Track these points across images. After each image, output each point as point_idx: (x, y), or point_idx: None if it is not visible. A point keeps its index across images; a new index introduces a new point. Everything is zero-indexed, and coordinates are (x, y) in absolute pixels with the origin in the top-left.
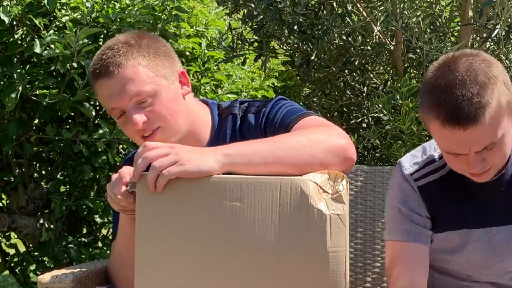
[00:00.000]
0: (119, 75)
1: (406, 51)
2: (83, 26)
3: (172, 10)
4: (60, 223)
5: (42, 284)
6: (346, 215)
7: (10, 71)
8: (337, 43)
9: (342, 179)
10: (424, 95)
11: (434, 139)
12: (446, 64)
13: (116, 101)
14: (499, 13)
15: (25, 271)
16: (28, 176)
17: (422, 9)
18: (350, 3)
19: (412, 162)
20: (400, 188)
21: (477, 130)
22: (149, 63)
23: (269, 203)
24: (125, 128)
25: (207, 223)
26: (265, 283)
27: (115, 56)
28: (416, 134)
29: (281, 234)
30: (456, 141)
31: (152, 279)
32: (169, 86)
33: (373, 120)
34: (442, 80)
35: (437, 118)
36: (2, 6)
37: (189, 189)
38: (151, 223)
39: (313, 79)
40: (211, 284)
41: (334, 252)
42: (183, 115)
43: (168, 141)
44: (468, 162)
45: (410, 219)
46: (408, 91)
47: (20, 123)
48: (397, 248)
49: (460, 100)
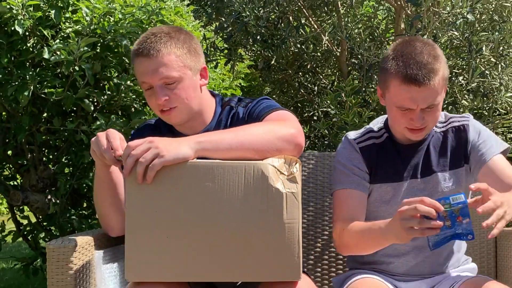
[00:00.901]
0: (157, 58)
1: (349, 57)
2: (83, 36)
3: (157, 23)
4: (64, 199)
5: (50, 248)
6: (299, 192)
7: (23, 73)
8: (293, 50)
9: (296, 163)
10: (387, 61)
11: (391, 97)
12: (405, 41)
13: (149, 78)
14: (425, 25)
15: (35, 238)
16: (38, 160)
17: (362, 22)
18: (303, 17)
19: (355, 133)
20: (345, 149)
21: (427, 90)
22: (181, 55)
23: (235, 183)
24: (150, 100)
25: (184, 200)
26: (232, 248)
27: (156, 42)
28: (358, 125)
29: (245, 208)
30: (409, 96)
31: (139, 245)
32: (192, 77)
33: (323, 113)
34: (404, 50)
35: (399, 76)
36: (17, 19)
37: (169, 173)
38: (139, 201)
39: (273, 79)
40: (188, 249)
41: (289, 224)
42: (196, 101)
43: (179, 117)
44: (412, 117)
45: (353, 172)
46: (351, 90)
47: (32, 116)
48: (342, 195)
49: (419, 64)
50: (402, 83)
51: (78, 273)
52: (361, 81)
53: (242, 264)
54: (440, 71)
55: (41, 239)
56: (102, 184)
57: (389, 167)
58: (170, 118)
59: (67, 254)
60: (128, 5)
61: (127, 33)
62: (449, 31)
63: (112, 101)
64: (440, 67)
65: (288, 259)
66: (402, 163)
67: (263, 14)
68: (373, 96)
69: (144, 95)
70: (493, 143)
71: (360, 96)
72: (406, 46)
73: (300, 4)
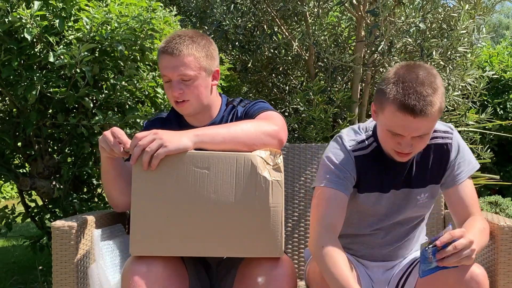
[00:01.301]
0: (178, 57)
1: (316, 60)
2: (84, 42)
3: (148, 31)
4: (67, 184)
5: (55, 228)
6: (283, 180)
7: (31, 75)
8: (267, 55)
9: (280, 155)
10: (388, 84)
11: (384, 119)
12: (409, 66)
13: (169, 73)
14: (383, 33)
15: (42, 219)
16: (44, 151)
17: (328, 30)
18: (276, 26)
19: (349, 139)
20: (341, 154)
21: (421, 121)
22: (199, 57)
23: (228, 171)
24: (167, 90)
25: (183, 185)
26: (224, 228)
27: (180, 44)
28: (324, 120)
29: (236, 193)
30: (403, 124)
31: (143, 224)
32: (206, 77)
33: (293, 110)
34: (406, 76)
35: (396, 103)
36: (26, 28)
37: (171, 161)
38: (144, 186)
39: (250, 80)
40: (185, 227)
41: (274, 207)
42: (205, 99)
43: (190, 109)
44: (401, 143)
45: (344, 175)
46: (318, 89)
47: (39, 112)
48: (326, 193)
49: (418, 95)
50: (397, 110)
51: (79, 249)
52: (327, 82)
53: (233, 241)
54: (437, 104)
55: (47, 220)
56: (108, 174)
57: (376, 178)
58: (182, 109)
59: (70, 232)
60: (123, 15)
61: (122, 40)
62: (403, 38)
63: (109, 99)
64: (438, 99)
65: (272, 238)
66: (386, 174)
67: (241, 23)
68: (337, 95)
69: (164, 86)
70: (467, 165)
71: (325, 95)
72: (409, 73)
73: (273, 14)
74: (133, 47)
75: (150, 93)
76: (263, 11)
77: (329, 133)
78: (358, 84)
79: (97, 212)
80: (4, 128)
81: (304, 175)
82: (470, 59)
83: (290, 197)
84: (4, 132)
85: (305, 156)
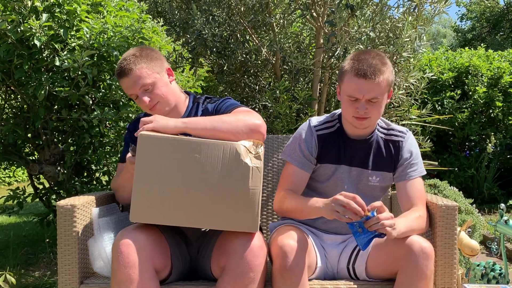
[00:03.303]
0: (131, 75)
1: (282, 64)
2: (85, 49)
3: (139, 39)
4: (70, 170)
5: (59, 206)
6: (262, 167)
7: (40, 76)
8: (240, 59)
9: (261, 146)
10: (345, 63)
11: (344, 89)
12: (363, 50)
13: (132, 90)
14: (339, 40)
15: (48, 199)
16: (51, 141)
17: (292, 38)
18: (247, 35)
19: (317, 120)
20: (306, 132)
21: (372, 84)
22: (148, 66)
23: (216, 156)
24: (140, 104)
25: (178, 165)
26: (210, 203)
27: (128, 64)
28: (289, 115)
29: (221, 175)
30: (358, 87)
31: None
32: (161, 78)
33: (262, 106)
34: (360, 55)
35: (352, 71)
36: (35, 36)
37: (167, 146)
38: (144, 166)
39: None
40: (178, 202)
41: (253, 189)
42: (171, 96)
43: (163, 110)
44: (358, 107)
45: (304, 154)
46: (284, 88)
47: (46, 108)
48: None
49: (369, 64)
50: (353, 76)
51: (80, 224)
52: (291, 82)
53: (217, 216)
54: (385, 73)
55: (53, 200)
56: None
57: (333, 151)
58: (156, 112)
59: (72, 210)
60: (118, 26)
61: (117, 47)
62: (356, 45)
63: (105, 97)
64: (386, 70)
65: (250, 215)
66: (344, 150)
67: (218, 32)
68: (300, 93)
69: (136, 102)
70: (418, 167)
71: (290, 93)
72: (363, 53)
73: (245, 25)
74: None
75: None
76: (237, 22)
77: (293, 126)
78: (317, 84)
79: (96, 193)
80: (16, 122)
81: (271, 162)
82: (413, 63)
83: None
84: (16, 125)
85: (272, 146)
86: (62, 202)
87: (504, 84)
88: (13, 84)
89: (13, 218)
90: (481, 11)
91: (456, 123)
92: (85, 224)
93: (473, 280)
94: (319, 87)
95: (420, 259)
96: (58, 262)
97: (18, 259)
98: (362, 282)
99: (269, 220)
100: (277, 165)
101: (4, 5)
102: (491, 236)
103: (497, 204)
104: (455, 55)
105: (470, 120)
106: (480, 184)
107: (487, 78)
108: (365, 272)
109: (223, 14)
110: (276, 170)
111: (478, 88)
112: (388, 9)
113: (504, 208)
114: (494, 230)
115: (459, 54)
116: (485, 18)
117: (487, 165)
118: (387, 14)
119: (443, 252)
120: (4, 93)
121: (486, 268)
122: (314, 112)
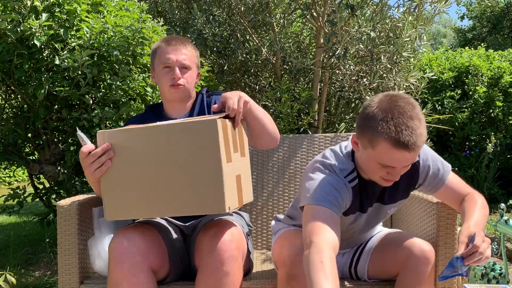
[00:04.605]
0: (186, 48)
1: (282, 64)
2: (85, 48)
3: (139, 39)
4: (70, 169)
5: (60, 206)
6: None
7: (40, 76)
8: (240, 59)
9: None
10: (375, 120)
11: (375, 154)
12: (390, 99)
13: (173, 55)
14: (339, 40)
15: (49, 198)
16: (51, 140)
17: (292, 38)
18: (248, 34)
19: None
20: (339, 181)
21: (414, 153)
22: (195, 55)
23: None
24: (165, 75)
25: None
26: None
27: (182, 40)
28: (290, 114)
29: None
30: (397, 158)
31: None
32: (196, 71)
33: (262, 106)
34: (392, 112)
35: (391, 141)
36: (35, 36)
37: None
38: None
39: (225, 81)
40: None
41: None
42: (193, 90)
43: (181, 93)
44: (391, 172)
45: (337, 199)
46: (286, 88)
47: (46, 108)
48: (322, 213)
49: (410, 130)
50: (393, 147)
51: (80, 224)
52: (291, 82)
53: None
54: (424, 133)
55: (53, 199)
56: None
57: (357, 202)
58: (175, 92)
59: (72, 210)
60: (118, 25)
61: (117, 46)
62: (356, 45)
63: (105, 97)
64: (424, 129)
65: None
66: (366, 197)
67: (218, 32)
68: (301, 93)
69: (159, 74)
70: (441, 172)
71: (290, 93)
72: (393, 107)
73: (245, 24)
74: (126, 53)
75: (140, 92)
76: (237, 21)
77: (294, 126)
78: (318, 84)
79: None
80: (16, 121)
81: (272, 161)
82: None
83: (260, 179)
84: (17, 125)
85: None
86: (62, 202)
87: (504, 84)
88: (13, 83)
89: (13, 217)
90: (482, 11)
91: (456, 123)
92: (85, 224)
93: (473, 280)
94: (319, 86)
95: (420, 265)
96: (58, 262)
97: (18, 259)
98: (363, 282)
99: (269, 220)
100: (278, 163)
101: (4, 5)
102: (491, 236)
103: (497, 204)
104: (455, 55)
105: (470, 120)
106: (480, 184)
107: (487, 78)
108: (366, 274)
109: (223, 14)
110: (276, 170)
111: (478, 88)
112: (388, 9)
113: (504, 208)
114: (494, 230)
115: (459, 54)
116: (485, 17)
117: (487, 165)
118: (387, 14)
119: (443, 252)
120: (4, 93)
121: (486, 268)
122: (315, 111)
